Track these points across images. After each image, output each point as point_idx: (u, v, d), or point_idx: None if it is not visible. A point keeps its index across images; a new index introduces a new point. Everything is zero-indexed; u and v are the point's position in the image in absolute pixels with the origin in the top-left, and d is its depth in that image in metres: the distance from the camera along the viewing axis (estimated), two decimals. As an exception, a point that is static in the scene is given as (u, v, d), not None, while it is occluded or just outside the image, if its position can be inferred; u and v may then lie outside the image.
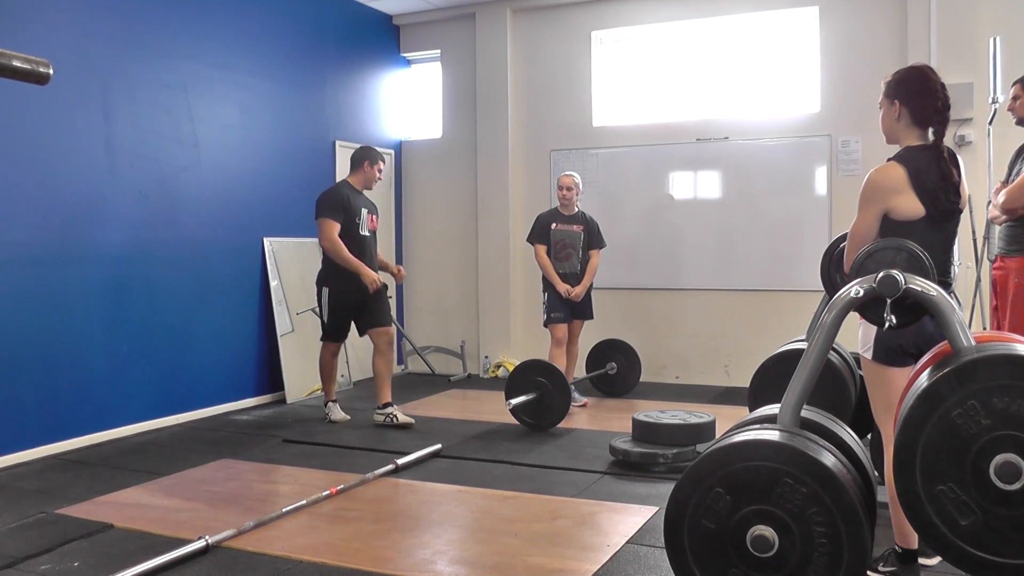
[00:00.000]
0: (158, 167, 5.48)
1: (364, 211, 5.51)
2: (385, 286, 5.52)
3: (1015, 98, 3.85)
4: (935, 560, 2.78)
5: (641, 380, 6.53)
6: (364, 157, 5.57)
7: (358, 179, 5.57)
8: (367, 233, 5.50)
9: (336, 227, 5.35)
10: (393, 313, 7.60)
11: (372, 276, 5.36)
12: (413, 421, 5.41)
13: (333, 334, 5.58)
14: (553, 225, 5.95)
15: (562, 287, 5.84)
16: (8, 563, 3.06)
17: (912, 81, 2.68)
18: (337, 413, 5.60)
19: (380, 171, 5.63)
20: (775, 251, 6.64)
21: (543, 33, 7.41)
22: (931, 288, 2.16)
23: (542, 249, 5.94)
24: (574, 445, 4.86)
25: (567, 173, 6.07)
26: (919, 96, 2.65)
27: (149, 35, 5.41)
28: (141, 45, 5.35)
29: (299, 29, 6.73)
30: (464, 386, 7.12)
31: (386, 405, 5.47)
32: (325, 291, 5.47)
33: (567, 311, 5.90)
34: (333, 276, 5.42)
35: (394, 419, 5.40)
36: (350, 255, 5.32)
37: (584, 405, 5.99)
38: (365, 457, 4.60)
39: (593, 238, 6.05)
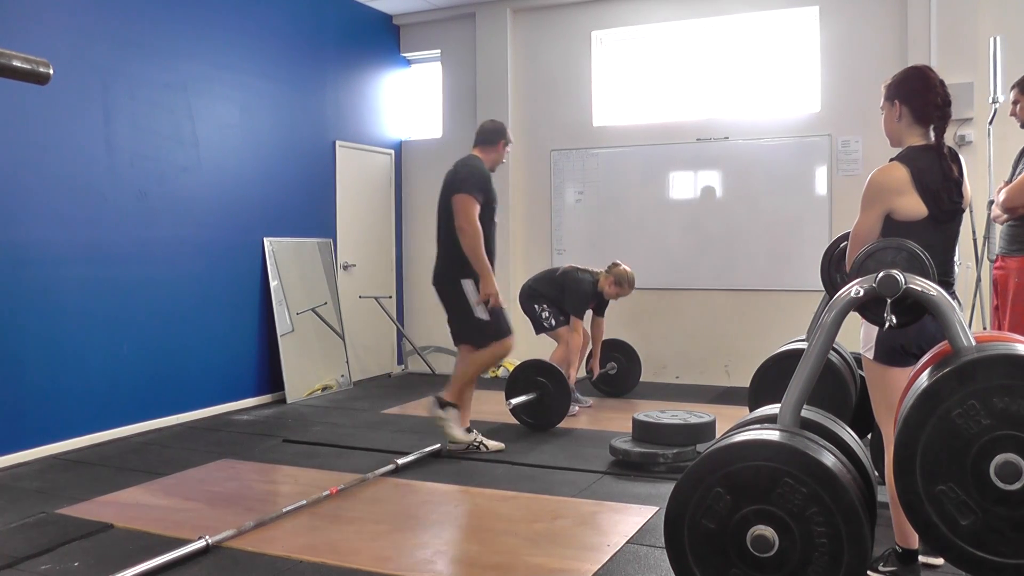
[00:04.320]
0: (158, 167, 5.48)
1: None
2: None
3: (1015, 102, 3.84)
4: (941, 560, 2.78)
5: (641, 380, 6.53)
6: (501, 134, 4.72)
7: (489, 158, 4.69)
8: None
9: (478, 208, 4.43)
10: (393, 313, 7.63)
11: (496, 290, 4.44)
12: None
13: (503, 328, 4.55)
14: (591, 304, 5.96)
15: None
16: (8, 563, 3.06)
17: (911, 80, 2.69)
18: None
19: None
20: (775, 251, 6.64)
21: (543, 33, 7.41)
22: (931, 288, 2.16)
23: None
24: (574, 445, 4.86)
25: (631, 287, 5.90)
26: (919, 94, 2.65)
27: (149, 35, 5.41)
28: (141, 45, 5.35)
29: (299, 29, 6.73)
30: (464, 386, 7.10)
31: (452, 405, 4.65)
32: (468, 284, 4.47)
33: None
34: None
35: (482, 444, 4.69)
36: (483, 251, 4.41)
37: (590, 406, 5.98)
38: (365, 457, 4.60)
39: None
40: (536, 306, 5.89)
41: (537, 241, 7.46)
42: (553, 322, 5.85)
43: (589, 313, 6.03)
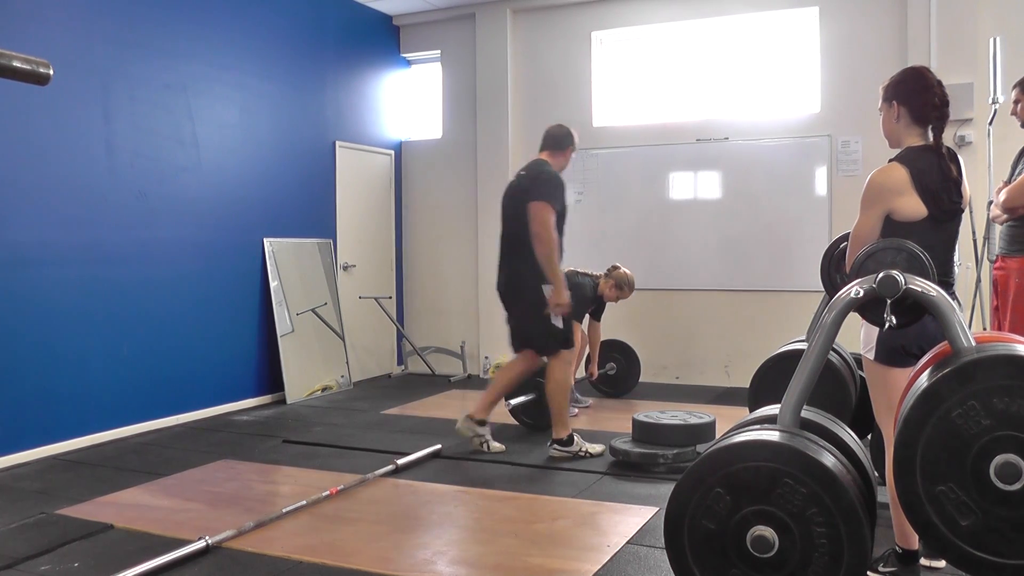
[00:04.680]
0: (158, 167, 5.48)
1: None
2: None
3: (1016, 102, 3.83)
4: (942, 563, 2.78)
5: (641, 380, 6.53)
6: (570, 140, 4.72)
7: (557, 163, 4.65)
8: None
9: (554, 216, 4.39)
10: (393, 313, 7.63)
11: (567, 299, 4.45)
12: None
13: (571, 334, 4.66)
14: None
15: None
16: (8, 563, 3.06)
17: (909, 80, 2.70)
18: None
19: None
20: (775, 251, 6.64)
21: (543, 33, 7.41)
22: (931, 288, 2.16)
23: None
24: (574, 445, 4.85)
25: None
26: (917, 94, 2.65)
27: (149, 35, 5.41)
28: (141, 45, 5.35)
29: (299, 29, 6.73)
30: (464, 386, 7.12)
31: (482, 422, 4.66)
32: (549, 289, 4.45)
33: None
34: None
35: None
36: (557, 259, 4.40)
37: (588, 407, 5.99)
38: (365, 457, 4.59)
39: None
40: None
41: (537, 241, 7.45)
42: None
43: (586, 317, 6.04)
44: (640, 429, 4.38)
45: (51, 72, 1.77)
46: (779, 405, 2.34)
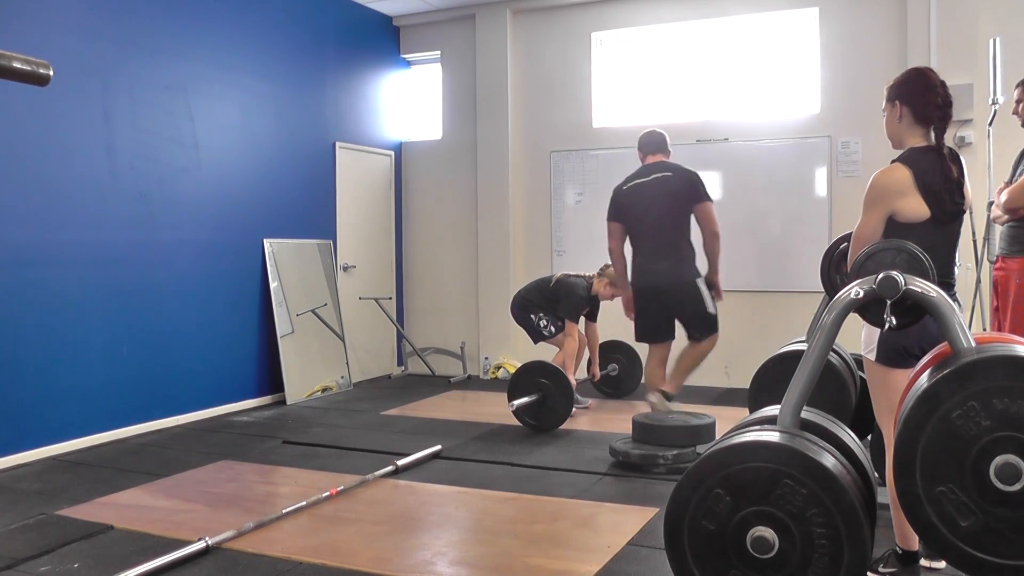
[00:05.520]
0: (158, 168, 5.48)
1: None
2: None
3: (1018, 101, 3.83)
4: (943, 564, 2.78)
5: (642, 381, 6.51)
6: (667, 143, 5.21)
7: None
8: None
9: None
10: (393, 314, 7.63)
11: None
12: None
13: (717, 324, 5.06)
14: None
15: None
16: (8, 564, 3.06)
17: (912, 81, 2.70)
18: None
19: None
20: (775, 251, 6.64)
21: (543, 34, 7.41)
22: (931, 289, 2.15)
23: None
24: (574, 446, 4.86)
25: None
26: (919, 94, 2.66)
27: (149, 35, 5.41)
28: (141, 45, 5.35)
29: (299, 30, 6.73)
30: (464, 387, 7.12)
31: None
32: (702, 282, 4.98)
33: None
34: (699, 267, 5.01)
35: None
36: None
37: (588, 407, 5.99)
38: (365, 458, 4.60)
39: None
40: (532, 316, 5.94)
41: (537, 243, 7.46)
42: (552, 329, 5.90)
43: (583, 320, 6.05)
44: (640, 430, 4.38)
45: (51, 73, 1.77)
46: (779, 406, 2.33)
